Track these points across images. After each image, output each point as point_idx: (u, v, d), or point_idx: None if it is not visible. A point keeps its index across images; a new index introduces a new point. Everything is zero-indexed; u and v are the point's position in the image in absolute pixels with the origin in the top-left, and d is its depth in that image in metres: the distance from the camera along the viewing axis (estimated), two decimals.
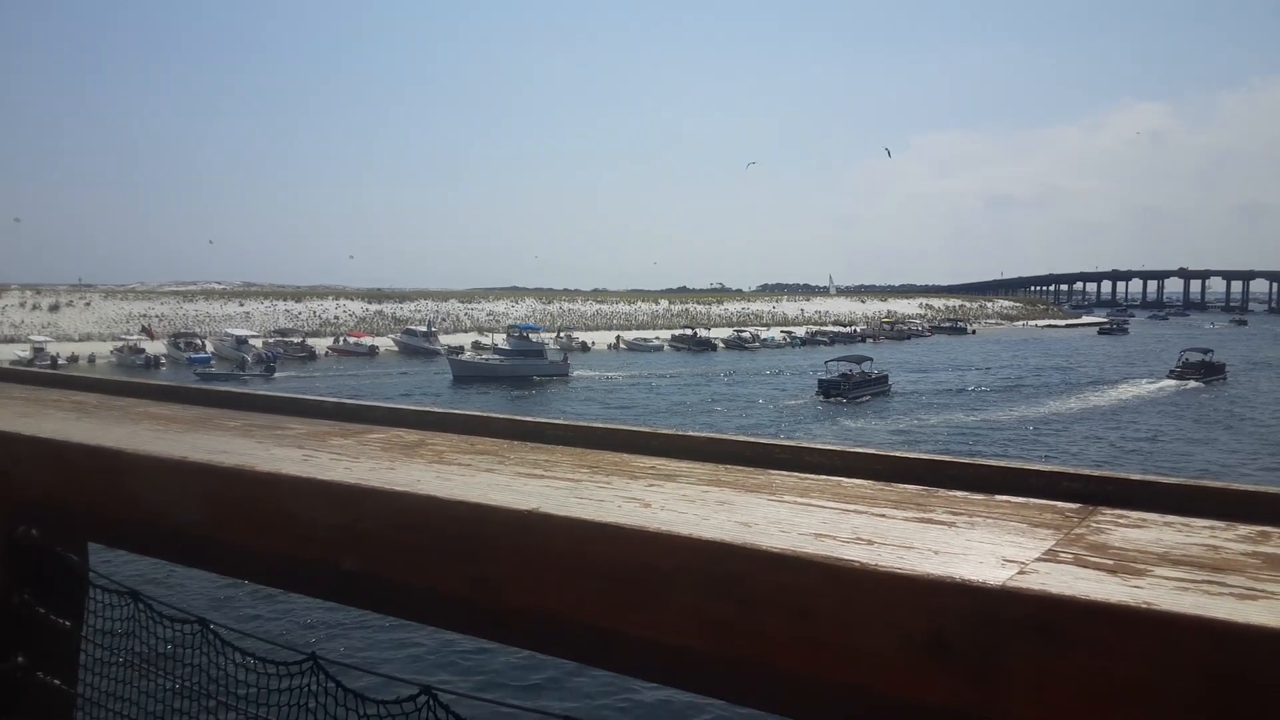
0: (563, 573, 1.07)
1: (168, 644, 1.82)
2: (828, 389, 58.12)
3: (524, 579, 1.10)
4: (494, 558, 1.12)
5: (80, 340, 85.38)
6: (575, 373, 71.23)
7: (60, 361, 69.49)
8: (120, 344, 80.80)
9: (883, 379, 61.89)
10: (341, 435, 1.62)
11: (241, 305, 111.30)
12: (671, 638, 1.00)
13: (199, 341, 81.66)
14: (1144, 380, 65.73)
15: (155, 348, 78.61)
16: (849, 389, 58.07)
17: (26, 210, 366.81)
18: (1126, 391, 59.91)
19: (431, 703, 1.45)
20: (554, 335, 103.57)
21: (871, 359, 65.44)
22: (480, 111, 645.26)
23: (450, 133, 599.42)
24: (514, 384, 65.84)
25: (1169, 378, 65.67)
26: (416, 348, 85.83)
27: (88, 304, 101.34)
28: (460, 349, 78.71)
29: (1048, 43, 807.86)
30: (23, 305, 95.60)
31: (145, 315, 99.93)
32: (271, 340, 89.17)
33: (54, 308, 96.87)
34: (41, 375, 2.56)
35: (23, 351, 71.09)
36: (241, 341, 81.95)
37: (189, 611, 1.80)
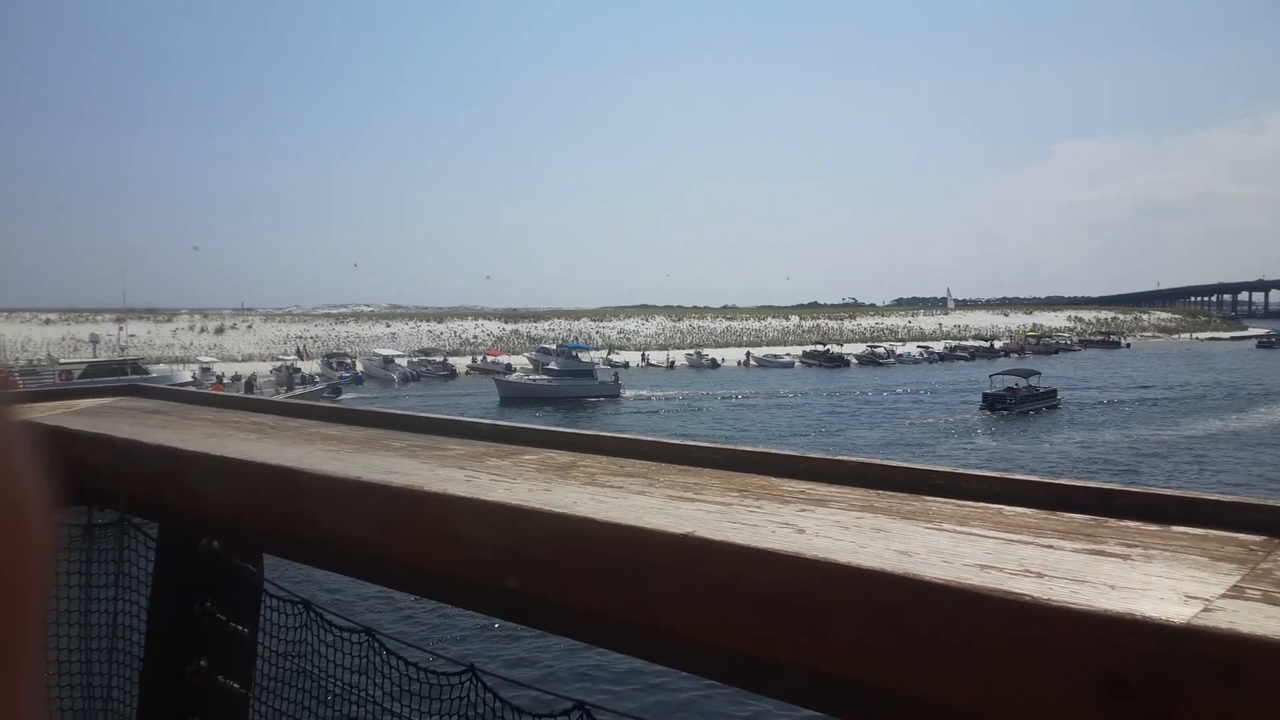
0: (718, 597, 1.04)
1: (336, 650, 1.93)
2: (993, 403, 56.22)
3: (680, 602, 1.08)
4: (650, 580, 1.10)
5: (243, 360, 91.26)
6: (627, 393, 69.29)
7: (225, 380, 74.45)
8: (278, 364, 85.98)
9: (1051, 393, 59.61)
10: (498, 456, 1.67)
11: (388, 326, 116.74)
12: (829, 667, 0.96)
13: (349, 360, 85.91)
14: None
15: (309, 367, 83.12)
16: (1015, 403, 56.01)
17: (198, 240, 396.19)
18: None
19: (585, 719, 1.49)
20: (685, 353, 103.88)
21: (1040, 372, 62.84)
22: (607, 136, 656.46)
23: (579, 157, 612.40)
24: (562, 405, 63.17)
25: None
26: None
27: (249, 327, 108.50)
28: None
29: (1198, 43, 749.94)
30: (192, 328, 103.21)
31: (301, 337, 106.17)
32: (415, 359, 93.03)
33: (219, 330, 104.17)
34: (223, 398, 2.75)
35: (190, 372, 76.58)
36: (388, 361, 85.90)
37: (356, 621, 1.91)
